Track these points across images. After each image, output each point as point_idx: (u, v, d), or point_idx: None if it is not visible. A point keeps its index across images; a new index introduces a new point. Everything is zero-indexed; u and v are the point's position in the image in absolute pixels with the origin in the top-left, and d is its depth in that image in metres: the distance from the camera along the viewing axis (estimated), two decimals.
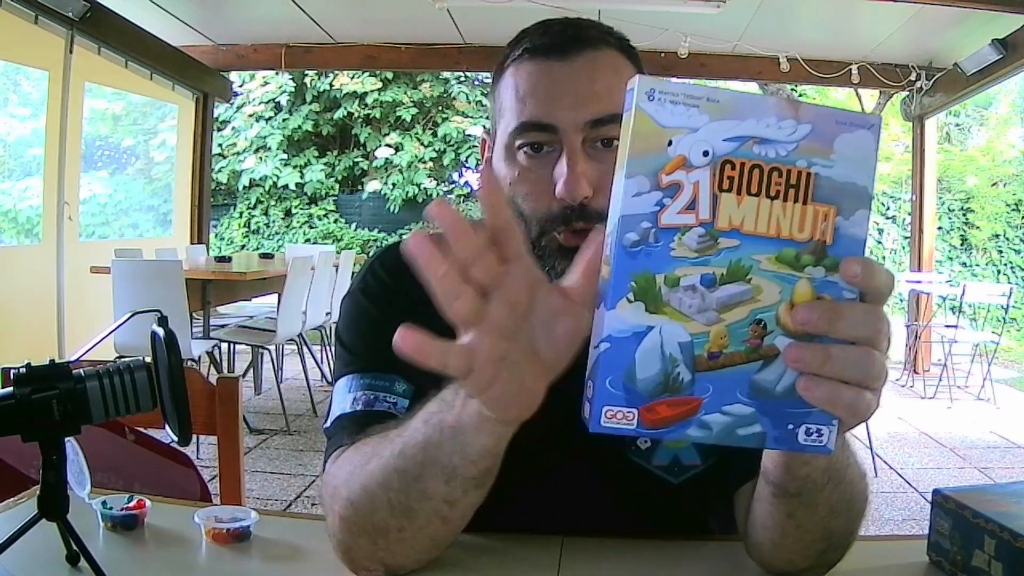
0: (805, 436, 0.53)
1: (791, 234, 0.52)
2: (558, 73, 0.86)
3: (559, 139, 0.85)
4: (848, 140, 0.52)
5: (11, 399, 0.74)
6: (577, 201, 0.83)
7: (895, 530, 3.30)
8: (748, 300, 0.52)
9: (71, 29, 4.87)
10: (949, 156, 10.81)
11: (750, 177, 0.51)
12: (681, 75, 7.90)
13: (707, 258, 0.51)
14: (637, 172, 0.51)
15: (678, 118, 0.51)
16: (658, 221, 0.51)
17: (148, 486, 1.30)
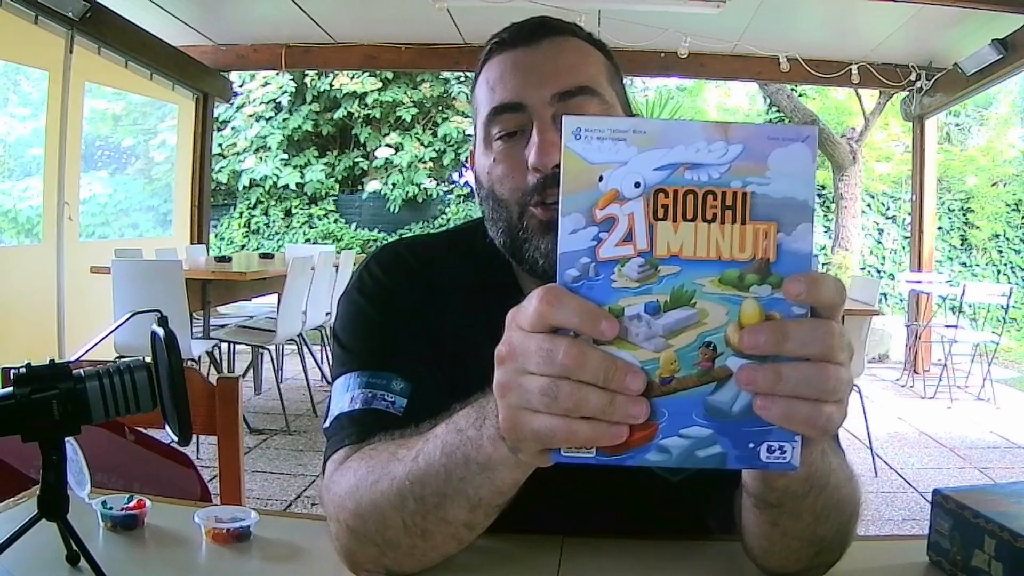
0: (767, 454, 0.53)
1: (732, 255, 0.51)
2: (523, 58, 0.89)
3: (529, 117, 0.87)
4: (782, 155, 0.52)
5: (11, 399, 0.74)
6: (549, 168, 0.84)
7: (895, 530, 3.30)
8: (695, 324, 0.52)
9: (71, 29, 4.87)
10: (949, 156, 10.80)
11: (684, 203, 0.51)
12: (681, 75, 7.91)
13: (649, 286, 0.51)
14: (572, 210, 0.52)
15: (606, 153, 0.52)
16: (596, 255, 0.51)
17: (148, 486, 1.30)
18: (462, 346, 0.92)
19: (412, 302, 0.96)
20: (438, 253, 1.01)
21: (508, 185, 0.89)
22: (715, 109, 13.47)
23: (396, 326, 0.94)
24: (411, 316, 0.95)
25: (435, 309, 0.96)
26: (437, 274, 0.98)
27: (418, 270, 0.98)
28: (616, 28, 5.53)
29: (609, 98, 0.91)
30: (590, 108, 0.88)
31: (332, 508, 0.80)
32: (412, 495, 0.73)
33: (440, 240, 1.05)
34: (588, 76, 0.90)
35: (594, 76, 0.90)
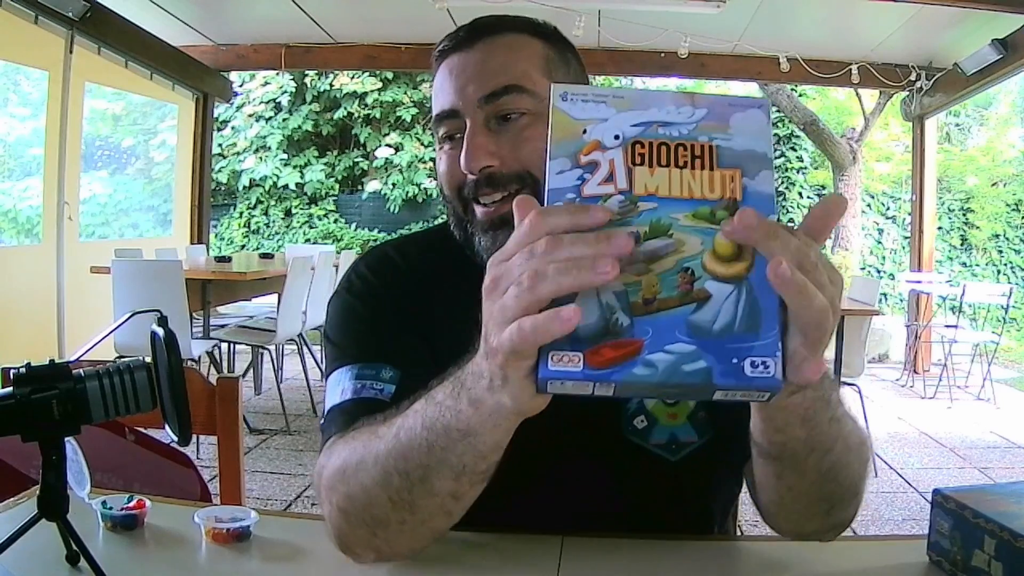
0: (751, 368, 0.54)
1: (703, 195, 0.57)
2: (457, 63, 0.92)
3: (464, 122, 0.90)
4: (741, 117, 0.59)
5: (11, 399, 0.74)
6: (477, 171, 0.89)
7: (895, 530, 3.30)
8: (673, 252, 0.56)
9: (71, 29, 4.87)
10: (949, 156, 10.81)
11: (659, 152, 0.58)
12: (681, 75, 7.90)
13: (629, 219, 0.56)
14: (559, 155, 0.58)
15: (589, 111, 0.59)
16: (581, 192, 0.57)
17: (148, 486, 1.30)
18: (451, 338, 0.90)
19: (400, 299, 0.98)
20: (424, 250, 1.04)
21: (450, 185, 0.94)
22: None
23: (385, 321, 0.97)
24: (400, 312, 0.97)
25: (423, 304, 0.98)
26: (423, 271, 1.01)
27: (405, 269, 1.01)
28: (616, 28, 5.53)
29: (541, 91, 0.90)
30: (518, 104, 0.90)
31: (324, 492, 0.82)
32: (396, 471, 0.74)
33: (424, 238, 1.08)
34: (515, 73, 0.91)
35: (523, 72, 0.91)
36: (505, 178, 0.89)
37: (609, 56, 6.28)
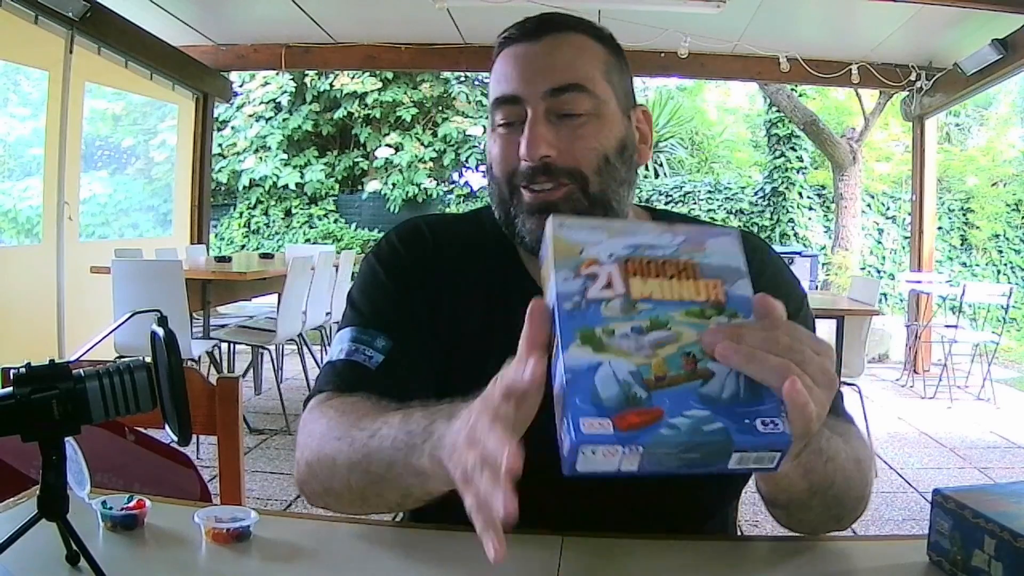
0: (763, 427, 0.60)
1: (692, 298, 0.65)
2: (524, 53, 0.97)
3: (525, 110, 0.95)
4: (716, 242, 0.69)
5: (11, 399, 0.74)
6: (536, 159, 0.93)
7: (895, 530, 3.30)
8: (674, 341, 0.62)
9: (71, 29, 4.87)
10: (949, 156, 10.81)
11: (648, 267, 0.66)
12: (681, 75, 7.91)
13: (631, 316, 0.63)
14: (562, 268, 0.66)
15: (584, 236, 0.68)
16: (585, 295, 0.64)
17: (148, 486, 1.30)
18: (463, 315, 1.02)
19: (421, 272, 1.04)
20: (454, 230, 1.10)
21: (502, 167, 0.98)
22: (715, 109, 13.49)
23: (399, 291, 1.03)
24: (417, 284, 1.03)
25: (442, 280, 1.04)
26: (449, 248, 1.07)
27: (432, 244, 1.07)
28: (616, 28, 5.47)
29: (602, 93, 0.96)
30: (580, 104, 0.94)
31: (301, 440, 0.94)
32: (360, 467, 0.84)
33: (458, 220, 1.15)
34: (581, 73, 0.95)
35: (587, 73, 0.96)
36: (559, 170, 0.94)
37: None
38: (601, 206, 0.96)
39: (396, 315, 1.00)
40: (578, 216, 0.69)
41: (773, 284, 1.01)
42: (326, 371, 1.00)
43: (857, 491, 0.89)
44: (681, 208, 10.57)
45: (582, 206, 0.95)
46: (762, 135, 11.31)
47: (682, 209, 10.52)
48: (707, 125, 12.95)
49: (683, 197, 10.74)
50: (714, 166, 12.40)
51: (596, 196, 0.95)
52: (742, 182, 11.13)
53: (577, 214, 0.93)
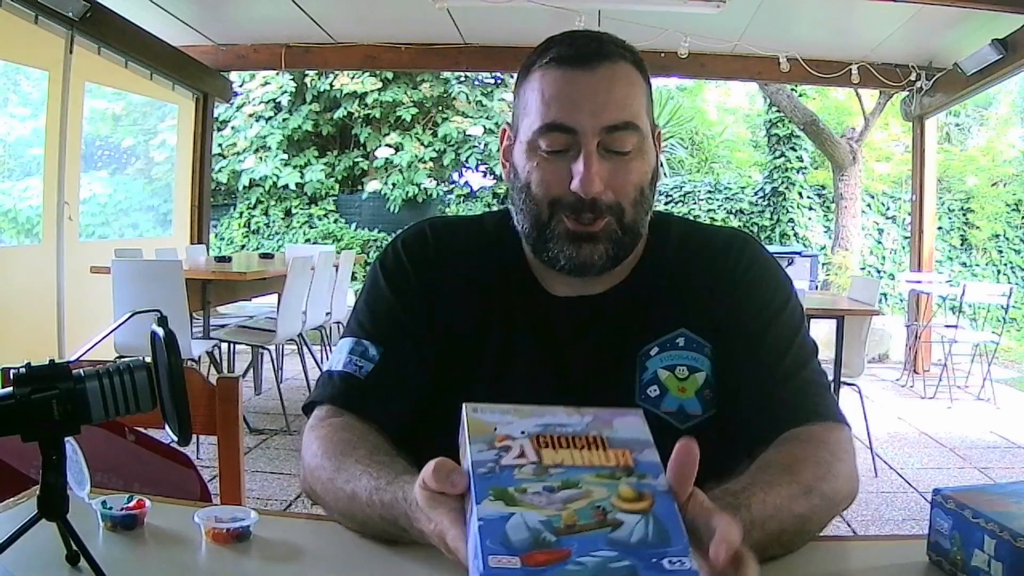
0: (670, 564, 0.62)
1: (601, 463, 0.68)
2: (580, 81, 0.97)
3: (577, 141, 0.96)
4: (622, 420, 0.72)
5: (11, 399, 0.73)
6: (590, 196, 0.96)
7: (895, 530, 3.30)
8: (584, 496, 0.65)
9: (71, 29, 4.87)
10: (949, 156, 10.81)
11: (558, 441, 0.70)
12: (681, 75, 7.91)
13: (543, 478, 0.66)
14: (477, 441, 0.69)
15: (496, 418, 0.72)
16: (499, 462, 0.68)
17: (148, 486, 1.30)
18: (459, 319, 1.05)
19: (422, 281, 1.07)
20: (465, 235, 1.11)
21: (545, 191, 0.99)
22: (715, 109, 13.49)
23: (399, 302, 1.06)
24: (417, 295, 1.07)
25: (442, 287, 1.07)
26: (452, 255, 1.09)
27: (434, 250, 1.09)
28: (616, 28, 5.50)
29: (645, 129, 1.00)
30: (629, 141, 0.97)
31: (303, 460, 0.99)
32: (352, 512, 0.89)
33: (471, 223, 1.14)
34: (634, 111, 0.98)
35: (638, 110, 0.99)
36: (603, 205, 0.97)
37: None
38: (631, 234, 1.01)
39: (392, 327, 1.05)
40: (489, 403, 0.74)
41: (748, 289, 1.05)
42: (323, 381, 1.05)
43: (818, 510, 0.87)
44: (681, 208, 10.57)
45: (616, 236, 0.99)
46: (762, 135, 11.31)
47: (682, 209, 10.52)
48: (707, 125, 12.96)
49: (683, 197, 10.74)
50: (714, 166, 12.41)
51: (628, 225, 1.00)
52: (742, 182, 11.14)
53: (613, 243, 0.99)
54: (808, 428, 0.96)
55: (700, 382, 1.02)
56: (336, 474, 0.92)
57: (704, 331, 1.03)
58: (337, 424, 0.99)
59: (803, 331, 1.06)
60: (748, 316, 1.04)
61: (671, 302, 1.05)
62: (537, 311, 1.05)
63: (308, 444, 0.99)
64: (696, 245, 1.09)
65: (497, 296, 1.06)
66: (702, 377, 1.02)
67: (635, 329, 1.04)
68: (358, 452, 0.93)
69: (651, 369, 1.02)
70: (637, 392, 1.02)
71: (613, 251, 1.00)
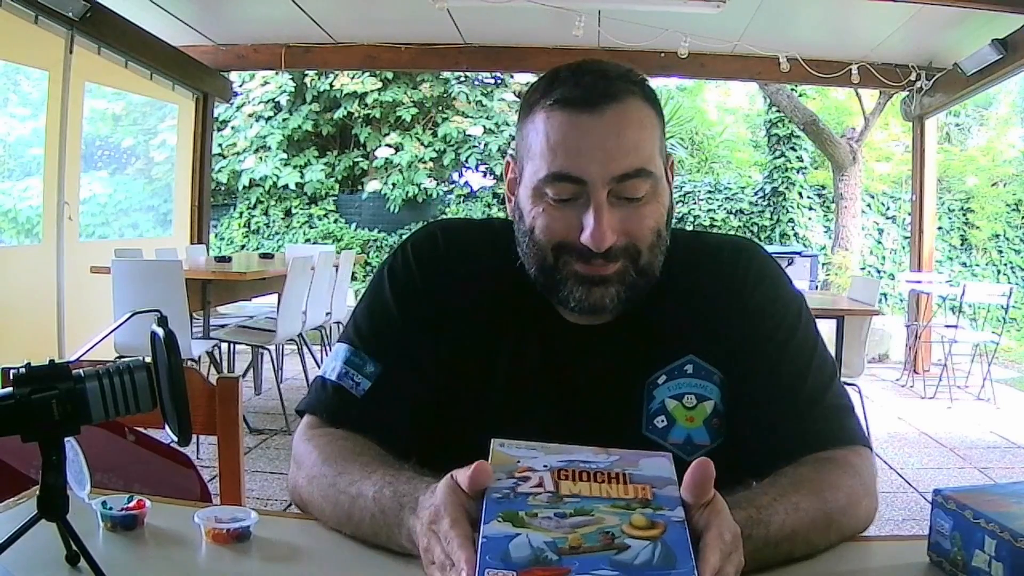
0: None
1: (619, 496, 0.69)
2: (587, 127, 0.92)
3: (586, 191, 0.92)
4: (649, 461, 0.73)
5: (11, 399, 0.73)
6: (601, 250, 0.93)
7: (895, 530, 3.30)
8: (595, 523, 0.66)
9: (71, 29, 4.87)
10: (949, 156, 10.80)
11: (580, 475, 0.71)
12: (681, 75, 7.90)
13: (556, 506, 0.67)
14: (498, 472, 0.71)
15: (522, 453, 0.73)
16: (515, 490, 0.69)
17: (148, 486, 1.30)
18: (466, 330, 1.02)
19: (430, 290, 1.04)
20: (477, 241, 1.07)
21: (550, 236, 0.95)
22: (715, 109, 13.48)
23: (403, 314, 1.03)
24: (423, 305, 1.03)
25: (450, 296, 1.03)
26: (468, 264, 1.05)
27: (443, 256, 1.05)
28: (616, 28, 5.53)
29: (657, 170, 0.95)
30: (642, 187, 0.93)
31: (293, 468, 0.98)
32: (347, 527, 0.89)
33: (483, 229, 1.10)
34: (646, 155, 0.94)
35: (651, 154, 0.94)
36: (617, 252, 0.94)
37: (609, 56, 6.27)
38: (646, 276, 0.97)
39: (393, 341, 1.02)
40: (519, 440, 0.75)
41: (759, 311, 1.01)
42: (317, 387, 1.02)
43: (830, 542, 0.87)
44: (681, 208, 10.57)
45: (631, 279, 0.96)
46: (762, 135, 11.31)
47: (682, 209, 10.52)
48: (707, 125, 12.95)
49: (683, 197, 10.73)
50: (714, 166, 12.40)
51: (644, 268, 0.96)
52: (742, 182, 11.13)
53: (626, 285, 0.96)
54: (835, 452, 0.94)
55: (708, 411, 0.99)
56: (338, 478, 0.90)
57: (713, 358, 1.00)
58: (336, 434, 0.98)
59: (819, 348, 1.02)
60: (761, 341, 1.00)
61: (678, 327, 1.01)
62: (547, 335, 1.02)
63: (305, 453, 0.97)
64: (701, 261, 1.05)
65: (508, 313, 1.03)
66: (710, 406, 0.99)
67: (642, 356, 1.00)
68: (363, 458, 0.92)
69: (659, 398, 0.99)
70: (644, 423, 0.99)
71: (626, 294, 0.96)
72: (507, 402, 1.00)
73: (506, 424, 1.00)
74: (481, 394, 1.01)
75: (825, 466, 0.91)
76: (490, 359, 1.02)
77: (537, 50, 6.24)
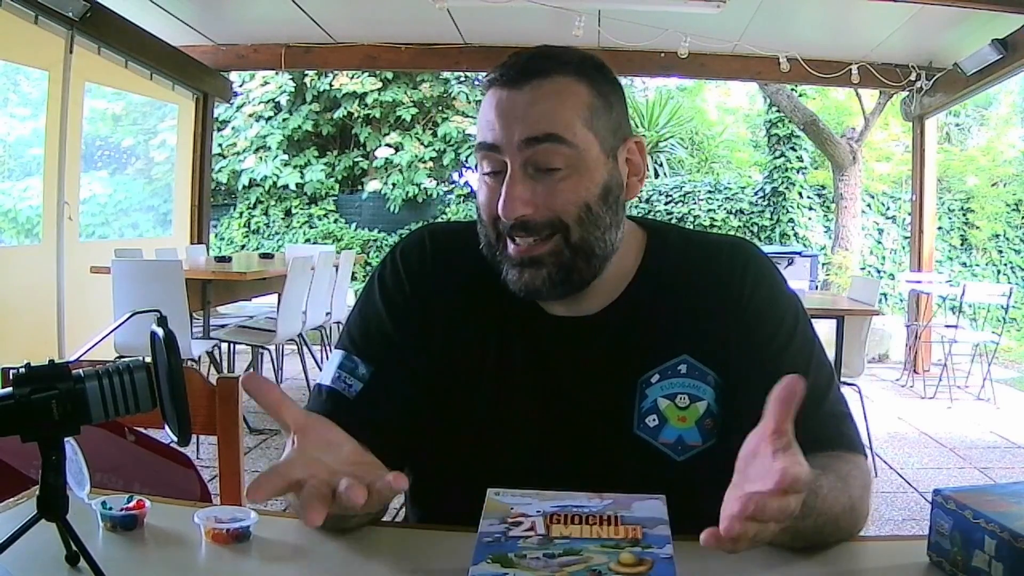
0: None
1: (609, 536, 0.71)
2: (506, 99, 0.95)
3: (505, 160, 0.95)
4: (642, 504, 0.75)
5: (11, 399, 0.73)
6: (513, 218, 0.94)
7: (895, 530, 3.30)
8: (583, 562, 0.68)
9: (71, 29, 4.87)
10: (949, 156, 10.80)
11: (572, 519, 0.73)
12: (681, 75, 7.90)
13: (546, 547, 0.69)
14: (491, 517, 0.73)
15: (516, 500, 0.76)
16: (506, 534, 0.71)
17: (148, 486, 1.30)
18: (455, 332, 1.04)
19: (418, 294, 1.06)
20: (464, 244, 1.07)
21: (488, 214, 0.99)
22: (715, 109, 13.48)
23: (392, 319, 1.05)
24: (412, 309, 1.05)
25: (438, 299, 1.05)
26: (454, 268, 1.06)
27: (431, 260, 1.07)
28: (616, 28, 5.53)
29: (581, 142, 0.95)
30: (556, 155, 0.93)
31: None
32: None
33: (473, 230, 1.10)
34: (559, 123, 0.94)
35: (566, 123, 0.94)
36: (538, 225, 0.95)
37: (609, 56, 6.25)
38: (583, 254, 0.96)
39: (384, 344, 1.04)
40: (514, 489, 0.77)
41: (756, 314, 1.01)
42: (314, 394, 1.05)
43: (843, 534, 0.90)
44: (681, 208, 10.56)
45: (564, 258, 0.95)
46: (762, 135, 11.31)
47: (682, 209, 10.51)
48: (707, 125, 12.95)
49: (683, 197, 10.73)
50: (714, 166, 12.40)
51: (577, 245, 0.96)
52: (742, 182, 11.13)
53: (560, 266, 0.96)
54: (833, 453, 0.94)
55: (701, 411, 0.99)
56: None
57: (708, 358, 1.00)
58: None
59: (816, 352, 1.02)
60: (759, 345, 1.00)
61: (673, 325, 1.00)
62: (533, 331, 1.02)
63: None
64: (697, 259, 1.04)
65: (495, 312, 1.03)
66: (703, 406, 0.99)
67: (634, 354, 1.00)
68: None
69: (651, 397, 0.99)
70: (636, 421, 0.99)
71: (561, 275, 0.96)
72: (496, 400, 1.01)
73: (496, 424, 1.00)
74: (470, 394, 1.02)
75: (835, 462, 0.92)
76: (477, 358, 1.02)
77: None
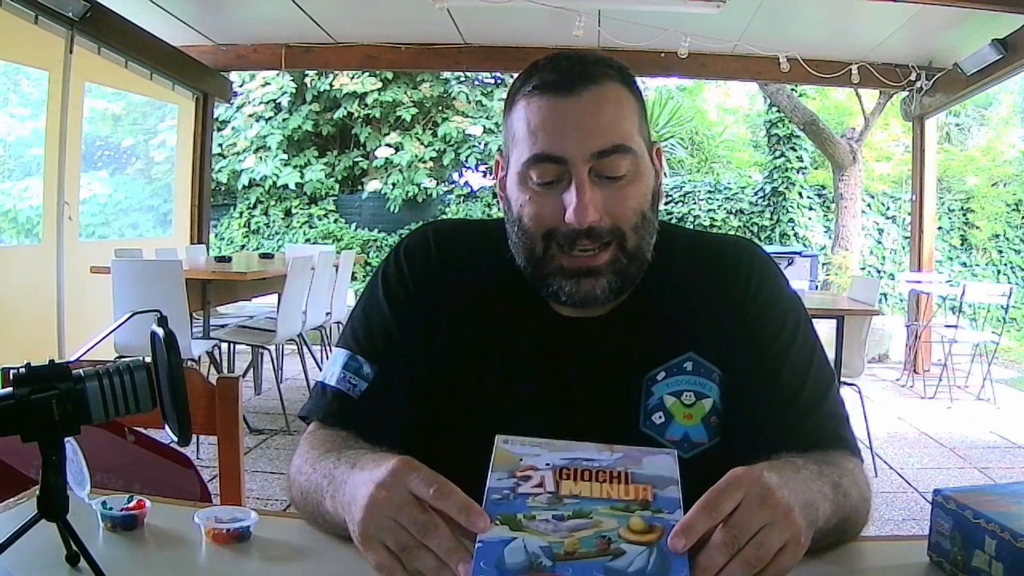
0: None
1: (619, 497, 0.69)
2: (566, 108, 0.94)
3: (568, 170, 0.93)
4: (653, 459, 0.73)
5: (11, 399, 0.73)
6: (584, 226, 0.93)
7: (895, 530, 3.30)
8: (592, 526, 0.67)
9: (71, 29, 4.87)
10: (949, 156, 10.80)
11: (582, 474, 0.71)
12: (681, 75, 7.89)
13: (555, 508, 0.68)
14: (499, 469, 0.72)
15: (526, 451, 0.74)
16: (515, 491, 0.70)
17: (148, 486, 1.30)
18: (460, 331, 1.03)
19: (422, 292, 1.05)
20: (469, 242, 1.08)
21: (538, 225, 0.96)
22: (715, 109, 13.48)
23: (396, 318, 1.04)
24: (416, 308, 1.04)
25: (442, 298, 1.04)
26: (459, 265, 1.06)
27: (440, 261, 1.06)
28: (616, 28, 5.53)
29: (638, 149, 0.97)
30: (622, 165, 0.94)
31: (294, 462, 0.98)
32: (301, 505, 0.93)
33: (477, 229, 1.11)
34: (624, 133, 0.95)
35: (628, 131, 0.96)
36: (603, 232, 0.94)
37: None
38: (637, 261, 0.98)
39: (388, 343, 1.03)
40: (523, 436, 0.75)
41: (759, 314, 1.01)
42: (317, 393, 1.03)
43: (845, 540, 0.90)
44: (681, 208, 10.57)
45: (621, 266, 0.97)
46: (762, 135, 11.31)
47: (682, 209, 10.51)
48: (707, 125, 12.95)
49: (683, 197, 10.73)
50: (714, 166, 12.40)
51: (632, 252, 0.97)
52: (742, 182, 11.13)
53: (617, 273, 0.97)
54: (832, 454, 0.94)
55: (707, 408, 0.99)
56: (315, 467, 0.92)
57: (713, 355, 1.00)
58: (327, 432, 1.00)
59: (817, 354, 1.02)
60: (761, 346, 1.00)
61: (679, 324, 1.01)
62: (541, 330, 1.02)
63: (298, 454, 0.99)
64: (702, 259, 1.05)
65: (501, 311, 1.03)
66: (709, 403, 0.99)
67: (641, 352, 1.00)
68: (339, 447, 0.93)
69: (657, 394, 0.99)
70: (642, 418, 0.99)
71: (617, 283, 0.97)
72: (503, 399, 1.01)
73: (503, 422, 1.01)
74: (477, 393, 1.02)
75: (833, 468, 0.91)
76: (484, 357, 1.02)
77: (537, 50, 6.21)
